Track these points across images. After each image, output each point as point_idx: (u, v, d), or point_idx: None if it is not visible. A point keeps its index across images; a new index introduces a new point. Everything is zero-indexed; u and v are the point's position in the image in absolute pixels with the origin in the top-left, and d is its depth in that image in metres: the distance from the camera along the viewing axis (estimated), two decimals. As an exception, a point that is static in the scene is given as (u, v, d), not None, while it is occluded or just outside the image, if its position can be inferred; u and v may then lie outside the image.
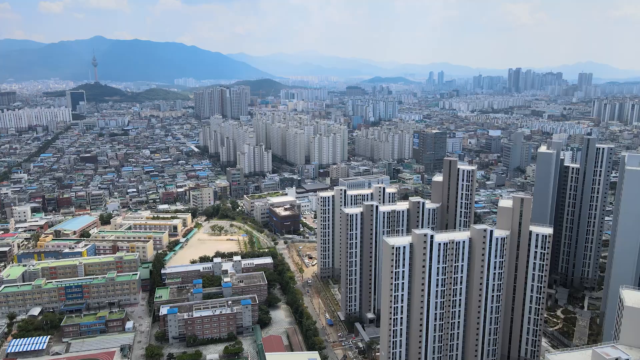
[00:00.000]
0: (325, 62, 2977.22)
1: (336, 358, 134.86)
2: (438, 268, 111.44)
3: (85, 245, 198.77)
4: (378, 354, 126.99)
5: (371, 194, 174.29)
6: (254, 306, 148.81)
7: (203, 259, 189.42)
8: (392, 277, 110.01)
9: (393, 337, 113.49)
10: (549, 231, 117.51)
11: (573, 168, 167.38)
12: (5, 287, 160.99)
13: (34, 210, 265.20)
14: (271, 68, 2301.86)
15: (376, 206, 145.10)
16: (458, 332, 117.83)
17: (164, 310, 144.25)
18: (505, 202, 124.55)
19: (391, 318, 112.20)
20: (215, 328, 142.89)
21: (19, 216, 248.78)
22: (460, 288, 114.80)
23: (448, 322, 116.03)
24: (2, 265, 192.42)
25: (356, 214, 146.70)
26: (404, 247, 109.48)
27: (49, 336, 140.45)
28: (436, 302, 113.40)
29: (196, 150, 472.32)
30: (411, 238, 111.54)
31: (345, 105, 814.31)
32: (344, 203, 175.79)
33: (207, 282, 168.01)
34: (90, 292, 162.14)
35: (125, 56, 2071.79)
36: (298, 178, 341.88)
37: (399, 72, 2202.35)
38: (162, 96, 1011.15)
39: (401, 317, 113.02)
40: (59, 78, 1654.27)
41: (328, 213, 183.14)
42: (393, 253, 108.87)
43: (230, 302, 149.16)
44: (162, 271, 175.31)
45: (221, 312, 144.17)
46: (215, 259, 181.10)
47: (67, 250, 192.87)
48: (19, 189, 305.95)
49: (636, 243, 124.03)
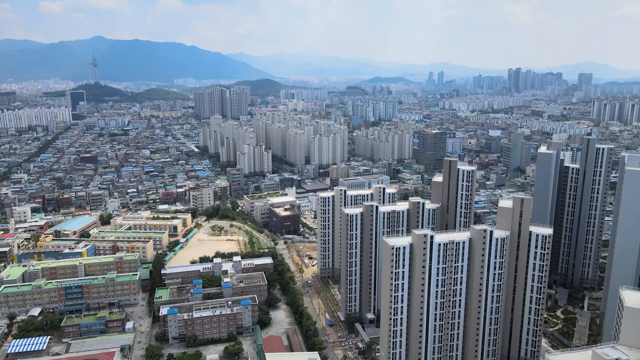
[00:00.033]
0: (325, 62, 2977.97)
1: (336, 358, 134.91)
2: (438, 268, 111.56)
3: (85, 245, 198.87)
4: (378, 355, 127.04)
5: (371, 194, 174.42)
6: (254, 306, 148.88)
7: (203, 260, 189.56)
8: (392, 278, 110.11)
9: (393, 338, 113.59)
10: (549, 231, 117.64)
11: (573, 168, 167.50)
12: (5, 288, 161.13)
13: (34, 210, 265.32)
14: (271, 68, 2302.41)
15: (376, 206, 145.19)
16: (458, 333, 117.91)
17: (164, 310, 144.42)
18: (505, 203, 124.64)
19: (391, 318, 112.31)
20: (215, 328, 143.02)
21: (19, 216, 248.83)
22: (460, 288, 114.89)
23: (448, 323, 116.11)
24: (2, 265, 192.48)
25: (356, 215, 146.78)
26: (404, 248, 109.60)
27: (49, 336, 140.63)
28: (436, 303, 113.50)
29: (196, 150, 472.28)
30: (411, 238, 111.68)
31: (345, 105, 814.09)
32: (344, 203, 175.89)
33: (207, 283, 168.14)
34: (90, 293, 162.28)
35: (125, 56, 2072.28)
36: (298, 178, 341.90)
37: (399, 72, 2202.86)
38: (162, 96, 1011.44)
39: (401, 318, 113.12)
40: (59, 78, 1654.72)
41: (328, 213, 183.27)
42: (393, 253, 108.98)
43: (230, 303, 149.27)
44: (162, 271, 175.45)
45: (221, 313, 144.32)
46: (215, 260, 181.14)
47: (67, 250, 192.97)
48: (19, 189, 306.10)
49: (636, 243, 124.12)
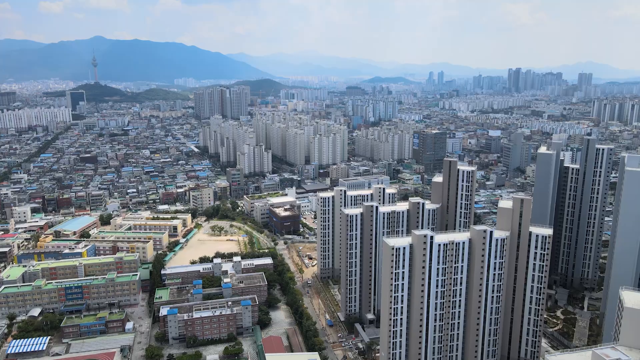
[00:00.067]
0: (325, 62, 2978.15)
1: (336, 359, 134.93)
2: (438, 269, 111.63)
3: (85, 245, 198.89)
4: (378, 355, 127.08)
5: (371, 195, 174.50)
6: (254, 307, 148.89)
7: (203, 260, 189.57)
8: (392, 278, 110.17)
9: (393, 338, 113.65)
10: (549, 232, 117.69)
11: (573, 169, 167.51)
12: (5, 288, 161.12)
13: (34, 210, 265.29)
14: (271, 68, 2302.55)
15: (376, 207, 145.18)
16: (458, 333, 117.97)
17: (164, 310, 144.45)
18: (505, 203, 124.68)
19: (391, 319, 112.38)
20: (215, 329, 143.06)
21: (19, 217, 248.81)
22: (460, 289, 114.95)
23: (448, 323, 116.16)
24: (2, 265, 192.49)
25: (356, 215, 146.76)
26: (404, 248, 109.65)
27: (49, 337, 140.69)
28: (436, 303, 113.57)
29: (196, 150, 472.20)
30: (411, 239, 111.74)
31: (345, 105, 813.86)
32: (344, 204, 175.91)
33: (207, 283, 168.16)
34: (90, 293, 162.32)
35: (125, 56, 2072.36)
36: (298, 178, 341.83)
37: (399, 72, 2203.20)
38: (162, 96, 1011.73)
39: (401, 318, 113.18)
40: (59, 78, 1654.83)
41: (328, 214, 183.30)
42: (393, 254, 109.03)
43: (230, 303, 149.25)
44: (162, 272, 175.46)
45: (221, 313, 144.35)
46: (215, 260, 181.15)
47: (67, 250, 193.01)
48: (19, 190, 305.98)
49: (636, 244, 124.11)
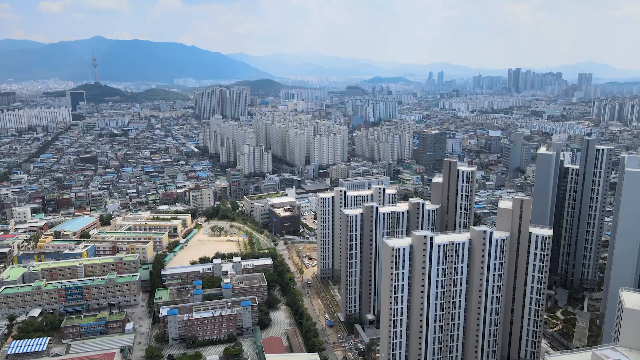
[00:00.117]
0: (325, 62, 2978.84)
1: (336, 359, 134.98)
2: (438, 269, 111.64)
3: (85, 246, 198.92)
4: (378, 355, 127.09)
5: (371, 195, 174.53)
6: (254, 307, 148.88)
7: (203, 260, 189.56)
8: (392, 279, 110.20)
9: (393, 339, 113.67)
10: (549, 232, 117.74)
11: (573, 169, 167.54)
12: (5, 288, 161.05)
13: (34, 211, 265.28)
14: (271, 68, 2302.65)
15: (376, 207, 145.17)
16: (458, 334, 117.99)
17: (164, 311, 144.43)
18: (505, 204, 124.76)
19: (391, 319, 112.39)
20: (215, 329, 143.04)
21: (19, 217, 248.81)
22: (460, 289, 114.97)
23: (448, 324, 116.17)
24: (2, 266, 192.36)
25: (356, 215, 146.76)
26: (404, 249, 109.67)
27: (49, 337, 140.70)
28: (436, 304, 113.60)
29: (196, 150, 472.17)
30: (411, 239, 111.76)
31: (345, 105, 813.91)
32: (344, 204, 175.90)
33: (207, 283, 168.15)
34: (90, 293, 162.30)
35: (125, 56, 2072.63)
36: (298, 179, 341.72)
37: (399, 72, 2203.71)
38: (162, 96, 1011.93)
39: (401, 319, 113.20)
40: (59, 78, 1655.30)
41: (328, 214, 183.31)
42: (393, 254, 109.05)
43: (230, 304, 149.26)
44: (162, 272, 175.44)
45: (221, 314, 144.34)
46: (215, 260, 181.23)
47: (67, 251, 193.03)
48: (19, 190, 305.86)
49: (636, 244, 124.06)
